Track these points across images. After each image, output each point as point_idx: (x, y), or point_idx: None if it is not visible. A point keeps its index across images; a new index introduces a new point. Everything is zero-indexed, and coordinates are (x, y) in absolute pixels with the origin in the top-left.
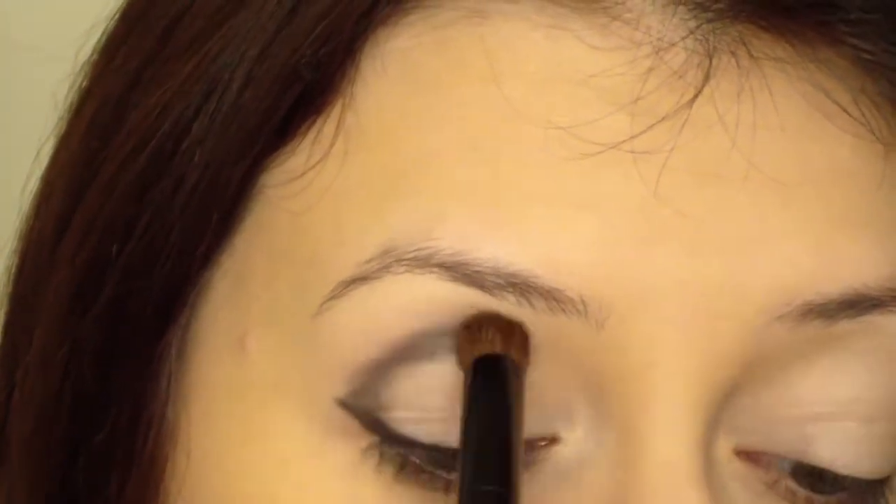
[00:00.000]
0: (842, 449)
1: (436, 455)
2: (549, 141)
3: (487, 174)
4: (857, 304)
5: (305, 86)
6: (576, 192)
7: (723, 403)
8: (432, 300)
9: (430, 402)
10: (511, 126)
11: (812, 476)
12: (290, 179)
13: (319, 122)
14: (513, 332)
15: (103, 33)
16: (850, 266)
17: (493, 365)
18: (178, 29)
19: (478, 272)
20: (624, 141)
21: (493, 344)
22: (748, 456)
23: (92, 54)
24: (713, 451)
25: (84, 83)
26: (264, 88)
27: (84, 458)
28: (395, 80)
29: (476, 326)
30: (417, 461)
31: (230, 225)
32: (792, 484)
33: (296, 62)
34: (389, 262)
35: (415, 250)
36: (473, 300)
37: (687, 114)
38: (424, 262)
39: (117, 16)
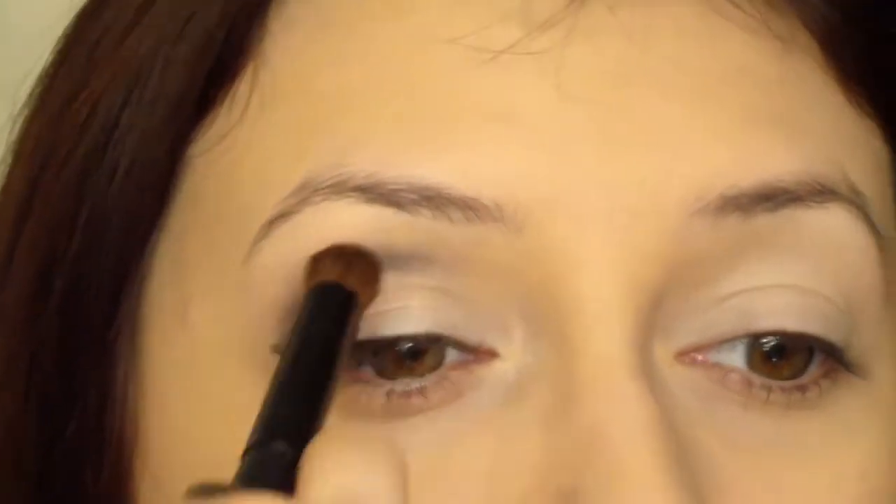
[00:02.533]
0: (787, 309)
1: (376, 356)
2: (450, 57)
3: (397, 98)
4: (774, 198)
5: (217, 54)
6: (484, 103)
7: (654, 307)
8: (351, 225)
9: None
10: (414, 50)
11: (767, 365)
12: (214, 144)
13: (235, 85)
14: (352, 262)
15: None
16: (763, 160)
17: (321, 294)
18: (102, 42)
19: (393, 190)
20: (519, 41)
21: (329, 273)
22: (691, 359)
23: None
24: (651, 354)
25: (26, 116)
26: (181, 65)
27: (58, 453)
28: (304, 29)
29: (318, 257)
30: (354, 363)
31: (165, 203)
32: (746, 372)
33: (207, 35)
34: (307, 194)
35: (331, 178)
36: (390, 220)
37: (577, 17)
38: (341, 188)
39: (55, 49)
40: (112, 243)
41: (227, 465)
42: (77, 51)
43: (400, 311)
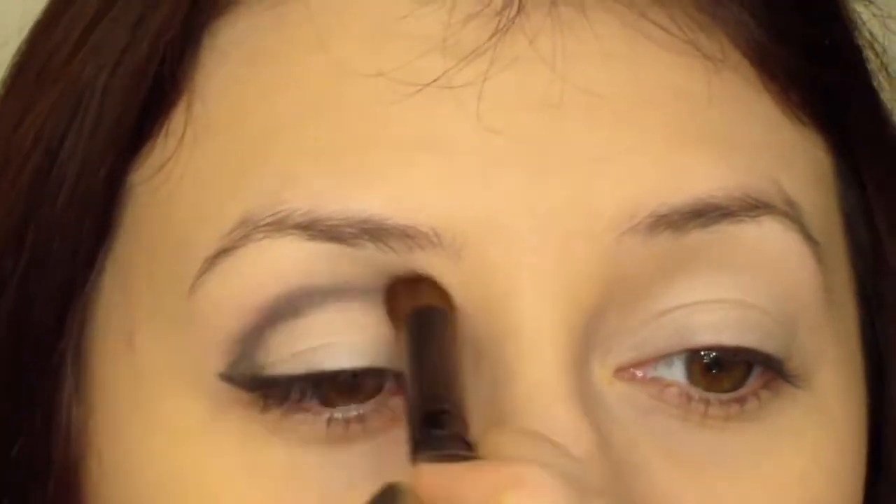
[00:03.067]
0: (723, 324)
1: (317, 386)
2: (377, 90)
3: (328, 132)
4: (705, 213)
5: (151, 86)
6: (411, 135)
7: (590, 326)
8: (294, 260)
9: (305, 346)
10: (343, 83)
11: (707, 378)
12: (152, 175)
13: (169, 117)
14: (441, 289)
15: None
16: (693, 177)
17: (431, 314)
18: (49, 63)
19: (332, 226)
20: (439, 77)
21: (428, 298)
22: (630, 375)
23: None
24: (587, 374)
25: None
26: (118, 95)
27: (4, 473)
28: (234, 63)
29: (410, 283)
30: (298, 396)
31: (107, 228)
32: (685, 386)
33: (139, 66)
34: (248, 230)
35: (270, 216)
36: (333, 254)
37: (498, 48)
38: (280, 226)
39: (10, 65)
40: (57, 265)
41: (174, 486)
42: (27, 69)
43: (344, 344)
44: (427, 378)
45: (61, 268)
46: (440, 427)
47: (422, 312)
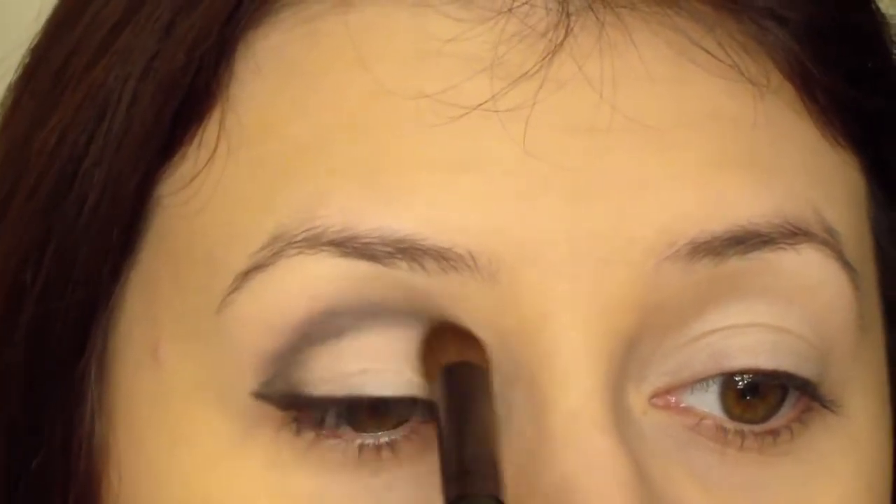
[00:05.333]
0: (760, 347)
1: (350, 411)
2: (419, 111)
3: (365, 150)
4: (745, 241)
5: (185, 95)
6: (452, 156)
7: (626, 353)
8: (327, 278)
9: (344, 369)
10: (382, 102)
11: (741, 404)
12: (182, 187)
13: (202, 127)
14: (475, 343)
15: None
16: (734, 204)
17: (469, 371)
18: (70, 63)
19: (366, 244)
20: (486, 101)
21: (461, 354)
22: (665, 402)
23: (4, 99)
24: (624, 402)
25: None
26: (148, 103)
27: (24, 486)
28: (270, 76)
29: (449, 333)
30: (333, 421)
31: (133, 240)
32: (720, 418)
33: (173, 74)
34: (281, 246)
35: (303, 232)
36: (366, 273)
37: (546, 71)
38: (314, 242)
39: (25, 59)
40: (80, 277)
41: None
42: (45, 66)
43: (386, 373)
44: (464, 439)
45: (85, 281)
46: (474, 490)
47: (460, 368)
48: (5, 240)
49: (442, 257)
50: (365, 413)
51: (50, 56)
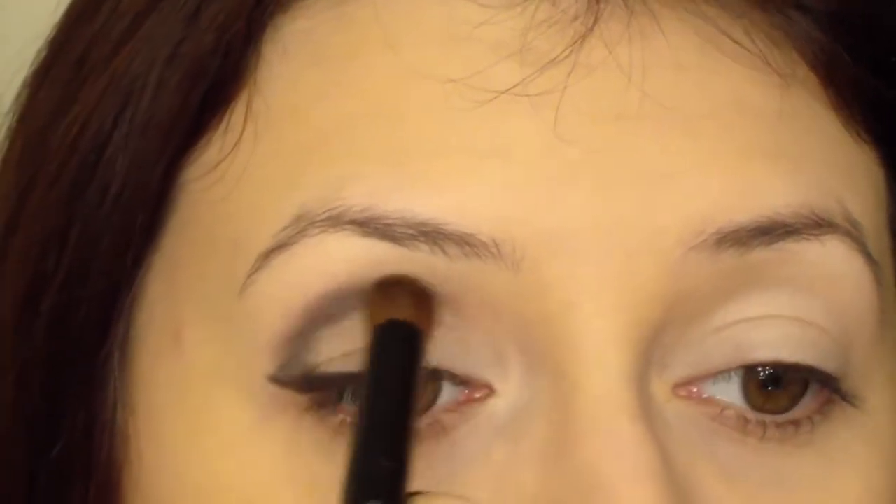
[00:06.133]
0: (782, 340)
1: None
2: (447, 95)
3: (393, 133)
4: (771, 231)
5: (212, 80)
6: (480, 141)
7: (651, 342)
8: (347, 258)
9: (356, 345)
10: (411, 86)
11: (763, 395)
12: (207, 171)
13: (229, 111)
14: (422, 298)
15: (30, 69)
16: (760, 194)
17: (399, 332)
18: (93, 52)
19: (388, 224)
20: (516, 85)
21: (401, 310)
22: (688, 392)
23: (20, 92)
24: (648, 389)
25: (13, 120)
26: (174, 88)
27: (45, 473)
28: (297, 59)
29: (387, 289)
30: (351, 398)
31: (157, 225)
32: (742, 408)
33: (200, 59)
34: (304, 225)
35: (326, 211)
36: (386, 254)
37: (576, 56)
38: (336, 221)
39: (42, 51)
40: (103, 264)
41: (215, 491)
42: (65, 57)
43: None
44: (380, 420)
45: (108, 268)
46: (379, 486)
47: (391, 327)
48: (26, 229)
49: (465, 243)
50: None
51: (69, 47)
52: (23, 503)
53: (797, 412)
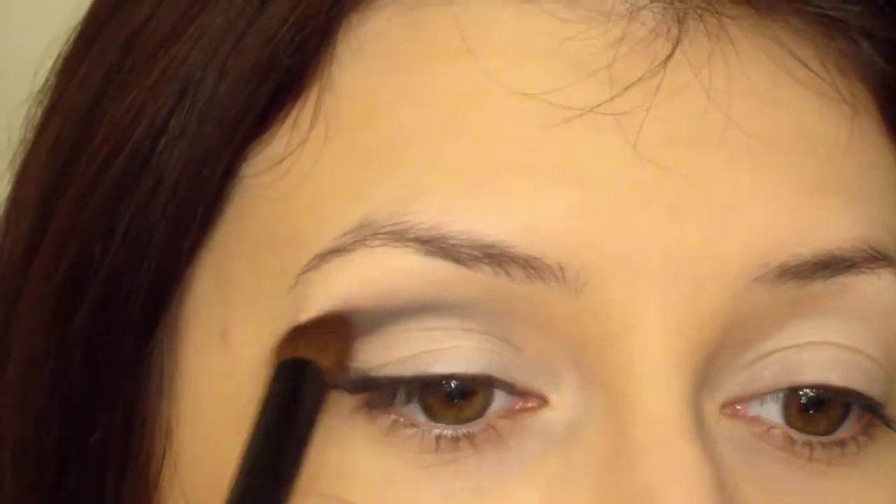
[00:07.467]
0: (831, 364)
1: (418, 388)
2: (524, 111)
3: (464, 147)
4: (831, 265)
5: (282, 74)
6: (554, 162)
7: (707, 364)
8: (406, 272)
9: (411, 351)
10: (486, 99)
11: (803, 417)
12: (270, 167)
13: (297, 107)
14: (337, 336)
15: (60, 55)
16: (823, 230)
17: (298, 370)
18: (141, 38)
19: (453, 245)
20: (602, 104)
21: (307, 349)
22: (735, 412)
23: (49, 76)
24: (702, 411)
25: (45, 103)
26: (240, 80)
27: (77, 461)
28: (371, 61)
29: (303, 328)
30: (404, 399)
31: (212, 218)
32: (787, 429)
33: (272, 52)
34: (366, 235)
35: (392, 224)
36: (447, 273)
37: (661, 76)
38: (401, 236)
39: (74, 35)
40: (154, 255)
41: None
42: (108, 37)
43: (453, 350)
44: (260, 462)
45: (159, 258)
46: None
47: (288, 369)
48: (68, 214)
49: (530, 266)
50: (439, 398)
51: (110, 31)
52: (48, 491)
53: (842, 433)
